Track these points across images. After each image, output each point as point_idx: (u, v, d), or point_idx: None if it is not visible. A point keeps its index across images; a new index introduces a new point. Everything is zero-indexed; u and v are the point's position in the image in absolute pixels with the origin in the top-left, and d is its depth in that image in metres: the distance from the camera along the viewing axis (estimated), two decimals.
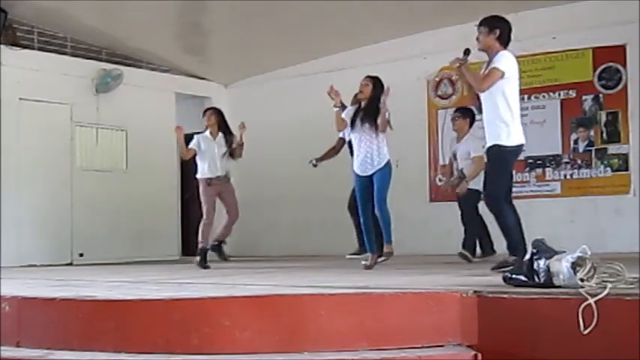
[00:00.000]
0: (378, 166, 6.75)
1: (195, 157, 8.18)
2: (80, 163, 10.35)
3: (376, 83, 6.82)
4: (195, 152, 8.13)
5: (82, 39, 10.54)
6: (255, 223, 10.41)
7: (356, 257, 7.69)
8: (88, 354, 3.51)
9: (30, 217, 9.68)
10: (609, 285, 3.37)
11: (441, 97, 10.06)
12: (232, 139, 8.16)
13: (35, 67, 9.79)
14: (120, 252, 10.16)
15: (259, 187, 10.71)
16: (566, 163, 9.06)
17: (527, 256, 3.80)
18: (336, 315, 3.50)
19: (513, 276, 3.83)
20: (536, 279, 3.66)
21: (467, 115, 7.79)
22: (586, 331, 3.17)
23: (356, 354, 3.36)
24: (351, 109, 6.95)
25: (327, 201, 10.14)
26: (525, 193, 8.92)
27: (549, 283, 3.60)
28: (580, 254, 3.62)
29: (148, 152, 10.91)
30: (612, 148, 8.82)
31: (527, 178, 9.20)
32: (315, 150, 8.37)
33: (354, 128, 6.84)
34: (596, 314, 3.17)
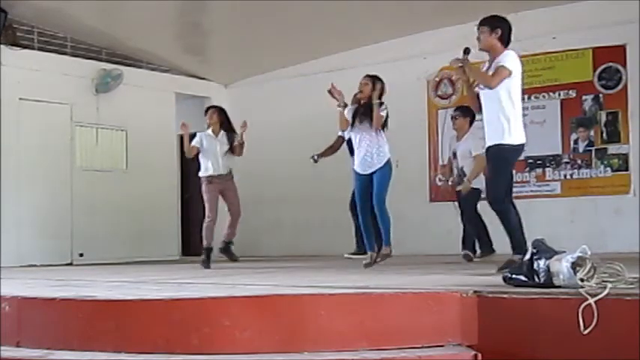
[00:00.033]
0: (379, 164, 6.76)
1: (198, 156, 8.21)
2: (80, 163, 10.36)
3: (376, 82, 6.83)
4: (198, 150, 8.14)
5: (82, 39, 10.54)
6: (255, 223, 10.40)
7: (354, 257, 7.68)
8: (88, 354, 3.51)
9: (30, 217, 9.68)
10: (609, 285, 3.37)
11: (441, 97, 10.06)
12: (234, 137, 8.17)
13: (35, 67, 9.80)
14: (120, 252, 10.16)
15: (259, 186, 10.71)
16: (566, 163, 9.06)
17: (527, 256, 3.80)
18: (336, 315, 3.50)
19: (513, 276, 3.83)
20: (536, 279, 3.66)
21: (467, 114, 7.77)
22: (586, 331, 3.17)
23: (356, 354, 3.36)
24: (351, 109, 6.96)
25: (327, 201, 10.15)
26: (525, 193, 8.92)
27: (549, 283, 3.60)
28: (580, 254, 3.62)
29: (148, 152, 10.91)
30: (612, 148, 8.82)
31: (527, 178, 9.20)
32: (315, 150, 8.37)
33: (353, 127, 6.87)
34: (596, 314, 3.17)
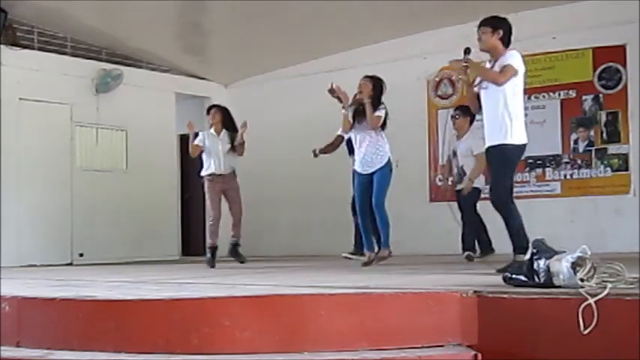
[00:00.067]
0: (379, 164, 6.78)
1: (201, 155, 8.22)
2: (80, 163, 10.36)
3: (375, 83, 6.83)
4: (202, 149, 8.16)
5: (82, 39, 10.54)
6: (255, 223, 10.38)
7: (352, 257, 7.66)
8: (88, 354, 3.51)
9: (30, 217, 9.68)
10: (609, 285, 3.36)
11: (441, 97, 10.06)
12: (235, 137, 8.17)
13: (35, 67, 9.80)
14: (120, 252, 10.16)
15: (259, 187, 10.70)
16: (566, 163, 9.06)
17: (527, 256, 3.80)
18: (336, 315, 3.50)
19: (513, 276, 3.83)
20: (536, 279, 3.66)
21: (467, 113, 7.75)
22: (586, 331, 3.17)
23: (356, 354, 3.36)
24: (351, 109, 6.96)
25: (327, 201, 10.15)
26: (525, 193, 8.92)
27: (549, 283, 3.59)
28: (580, 254, 3.61)
29: (148, 152, 10.91)
30: (612, 148, 8.82)
31: (527, 178, 9.20)
32: None
33: (353, 127, 6.88)
34: (596, 314, 3.16)
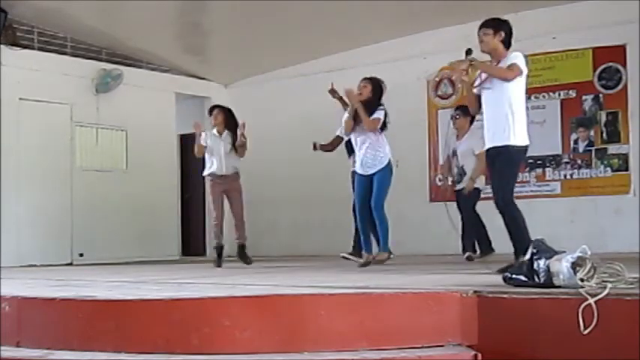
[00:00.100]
0: (380, 165, 6.78)
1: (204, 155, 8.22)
2: (80, 163, 10.36)
3: (375, 84, 6.84)
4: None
5: (82, 39, 10.54)
6: (255, 223, 10.37)
7: (349, 258, 7.65)
8: (88, 354, 3.51)
9: (30, 217, 9.68)
10: (609, 285, 3.36)
11: (441, 97, 10.06)
12: (236, 138, 8.17)
13: (35, 67, 9.80)
14: (120, 252, 10.16)
15: (259, 187, 10.69)
16: (566, 163, 9.07)
17: (527, 256, 3.80)
18: (336, 315, 3.50)
19: (513, 276, 3.83)
20: (536, 279, 3.66)
21: (467, 113, 7.74)
22: (586, 331, 3.17)
23: (356, 354, 3.36)
24: (351, 111, 6.96)
25: (327, 201, 10.15)
26: (525, 193, 8.90)
27: (549, 283, 3.60)
28: (580, 254, 3.62)
29: (148, 152, 10.91)
30: (612, 148, 8.82)
31: (527, 178, 9.19)
32: (315, 152, 8.34)
33: (354, 129, 6.88)
34: (596, 314, 3.17)
